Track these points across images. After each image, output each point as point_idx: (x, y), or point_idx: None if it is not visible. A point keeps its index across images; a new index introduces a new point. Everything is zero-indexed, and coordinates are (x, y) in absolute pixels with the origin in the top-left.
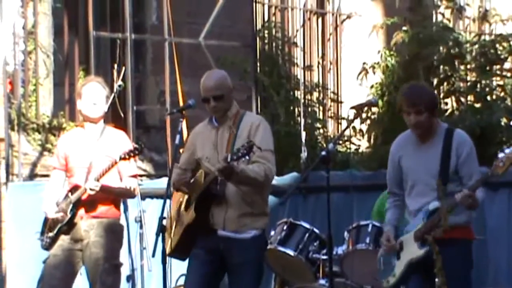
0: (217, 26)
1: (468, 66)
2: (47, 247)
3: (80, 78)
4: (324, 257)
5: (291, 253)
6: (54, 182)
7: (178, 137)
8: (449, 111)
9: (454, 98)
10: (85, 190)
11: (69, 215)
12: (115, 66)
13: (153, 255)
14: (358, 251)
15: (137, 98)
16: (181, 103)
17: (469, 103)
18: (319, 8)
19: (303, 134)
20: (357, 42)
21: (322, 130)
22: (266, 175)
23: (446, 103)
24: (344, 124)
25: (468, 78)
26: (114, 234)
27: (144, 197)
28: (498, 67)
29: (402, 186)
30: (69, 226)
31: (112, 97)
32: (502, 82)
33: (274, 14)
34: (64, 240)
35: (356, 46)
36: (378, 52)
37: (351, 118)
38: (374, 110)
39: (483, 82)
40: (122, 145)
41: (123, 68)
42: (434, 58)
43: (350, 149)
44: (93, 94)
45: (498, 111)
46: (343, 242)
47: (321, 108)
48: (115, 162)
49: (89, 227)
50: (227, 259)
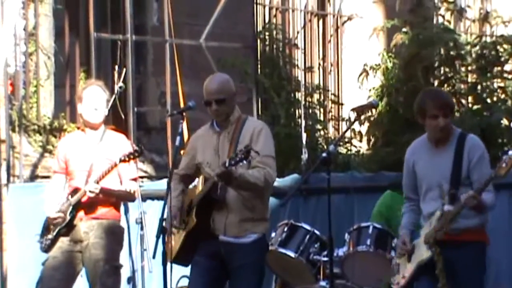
0: (218, 28)
1: (469, 68)
2: (46, 249)
3: (81, 80)
4: (324, 258)
5: (292, 254)
6: (55, 185)
7: (178, 138)
8: None
9: (454, 100)
10: (84, 193)
11: (68, 217)
12: (116, 67)
13: (153, 257)
14: (359, 253)
15: (137, 100)
16: (181, 105)
17: (469, 105)
18: (320, 9)
19: (304, 135)
20: (358, 44)
21: (322, 132)
22: (266, 180)
23: None
24: (344, 125)
25: (469, 80)
26: (114, 236)
27: (144, 198)
28: (499, 69)
29: (417, 191)
30: (68, 228)
31: (113, 98)
32: (503, 84)
33: (275, 16)
34: (63, 242)
35: (357, 48)
36: (379, 54)
37: (352, 120)
38: (373, 112)
39: (484, 84)
40: (123, 148)
41: (124, 69)
42: (434, 59)
43: (351, 150)
44: (94, 99)
45: (498, 112)
46: (344, 243)
47: (321, 110)
48: (115, 165)
49: (89, 229)
50: (228, 263)
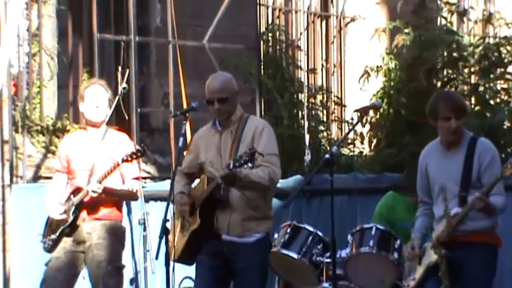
0: (221, 29)
1: (471, 69)
2: (49, 250)
3: (84, 80)
4: (327, 260)
5: (295, 256)
6: (56, 184)
7: (181, 139)
8: None
9: None
10: (87, 193)
11: (71, 217)
12: (119, 68)
13: (156, 258)
14: (361, 254)
15: (141, 101)
16: (185, 106)
17: (472, 106)
18: (323, 11)
19: (307, 137)
20: (361, 45)
21: (325, 133)
22: (271, 179)
23: None
24: (347, 127)
25: (472, 81)
26: (116, 236)
27: (147, 199)
28: (502, 70)
29: (431, 194)
30: (71, 228)
31: (116, 99)
32: (506, 86)
33: (278, 17)
34: (66, 242)
35: (360, 49)
36: (380, 56)
37: (355, 121)
38: (376, 113)
39: (486, 85)
40: (125, 147)
41: (127, 70)
42: (436, 61)
43: (353, 152)
44: (95, 97)
45: (501, 113)
46: (347, 245)
47: (324, 111)
48: (118, 164)
49: (91, 229)
50: (232, 263)
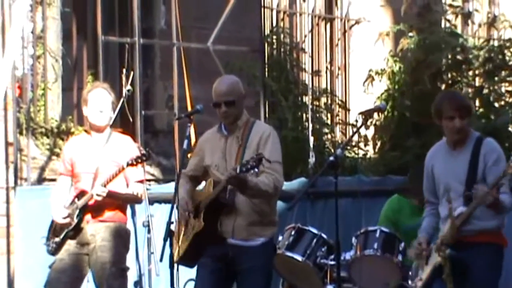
0: (225, 31)
1: (476, 72)
2: (53, 252)
3: (88, 83)
4: (332, 262)
5: (299, 258)
6: (61, 187)
7: (186, 142)
8: None
9: None
10: (91, 196)
11: (75, 221)
12: (124, 70)
13: (160, 260)
14: (366, 257)
15: (145, 103)
16: (189, 108)
17: (476, 109)
18: (328, 13)
19: (311, 139)
20: (365, 48)
21: (330, 136)
22: (275, 187)
23: None
24: (351, 129)
25: (476, 84)
26: (120, 238)
27: (152, 201)
28: (506, 73)
29: (437, 195)
30: (75, 231)
31: (121, 102)
32: (510, 88)
33: (283, 19)
34: (70, 244)
35: (364, 52)
36: (384, 59)
37: (359, 123)
38: (380, 115)
39: (490, 87)
40: (129, 150)
41: (132, 72)
42: (440, 63)
43: (358, 154)
44: (99, 101)
45: (505, 115)
46: (351, 247)
47: (328, 114)
48: (123, 168)
49: (95, 231)
50: (236, 266)
